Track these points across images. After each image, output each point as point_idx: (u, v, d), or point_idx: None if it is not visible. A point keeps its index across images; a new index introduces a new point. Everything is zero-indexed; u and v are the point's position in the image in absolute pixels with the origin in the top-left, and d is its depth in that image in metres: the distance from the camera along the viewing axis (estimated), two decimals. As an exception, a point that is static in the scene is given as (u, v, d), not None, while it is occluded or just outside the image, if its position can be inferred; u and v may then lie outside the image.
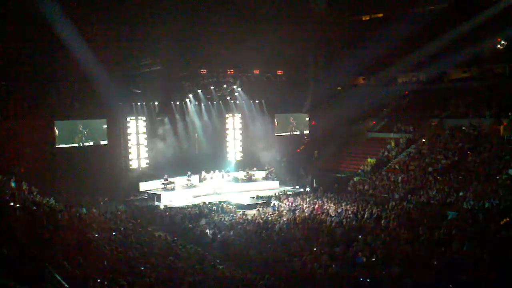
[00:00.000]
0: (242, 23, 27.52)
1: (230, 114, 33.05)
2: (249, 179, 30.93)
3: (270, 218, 23.03)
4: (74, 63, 23.63)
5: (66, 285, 7.69)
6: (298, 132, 36.66)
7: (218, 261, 16.27)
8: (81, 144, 26.75)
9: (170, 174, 28.58)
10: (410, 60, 33.67)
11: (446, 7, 34.35)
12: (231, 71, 30.54)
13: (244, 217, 23.79)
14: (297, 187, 31.44)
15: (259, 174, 31.93)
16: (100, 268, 9.74)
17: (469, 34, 30.79)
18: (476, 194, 24.37)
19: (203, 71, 29.54)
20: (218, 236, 19.92)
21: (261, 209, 26.21)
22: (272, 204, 27.00)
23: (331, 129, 34.54)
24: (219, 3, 26.75)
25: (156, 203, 26.55)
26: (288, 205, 26.31)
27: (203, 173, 29.96)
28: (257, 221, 22.52)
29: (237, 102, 32.88)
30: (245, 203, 27.32)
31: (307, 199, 27.69)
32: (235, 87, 32.06)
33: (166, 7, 25.00)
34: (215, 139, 32.39)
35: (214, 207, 25.80)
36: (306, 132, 36.91)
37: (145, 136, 29.24)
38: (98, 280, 8.82)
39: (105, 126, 27.63)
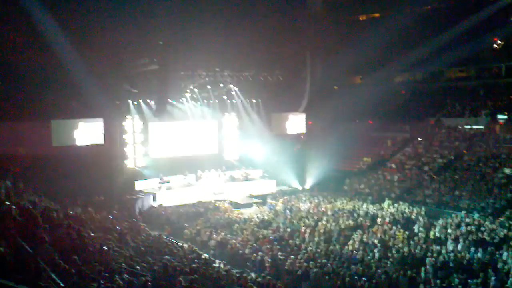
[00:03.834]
0: (238, 23, 27.46)
1: (227, 113, 33.02)
2: (246, 178, 30.92)
3: (266, 217, 23.08)
4: (71, 63, 23.55)
5: (62, 284, 7.69)
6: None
7: (214, 259, 16.31)
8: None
9: (166, 173, 28.54)
10: (407, 59, 33.70)
11: (443, 6, 34.44)
12: (228, 71, 30.53)
13: (240, 216, 23.85)
14: (293, 186, 31.48)
15: (256, 173, 31.93)
16: (96, 267, 9.73)
17: (466, 33, 30.85)
18: (472, 193, 24.48)
19: (200, 70, 29.54)
20: (214, 235, 19.95)
21: (258, 208, 26.29)
22: (268, 203, 27.06)
23: (327, 129, 34.55)
24: (216, 2, 26.70)
25: (152, 202, 26.58)
26: (284, 204, 26.36)
27: (199, 172, 29.94)
28: (253, 220, 22.58)
29: (234, 101, 32.86)
30: (242, 202, 27.35)
31: (303, 198, 27.77)
32: (231, 86, 32.06)
33: (162, 7, 24.94)
34: (212, 138, 32.36)
35: (210, 206, 25.83)
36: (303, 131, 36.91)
37: (141, 135, 29.19)
38: (94, 279, 8.83)
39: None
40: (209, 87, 31.08)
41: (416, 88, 38.05)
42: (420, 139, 32.94)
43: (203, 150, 31.36)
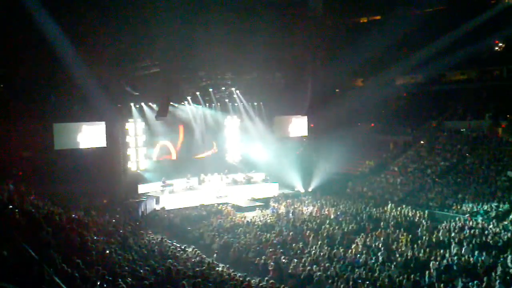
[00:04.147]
0: (240, 25, 27.46)
1: (229, 116, 33.00)
2: (248, 181, 30.86)
3: (269, 221, 23.02)
4: (72, 66, 23.55)
5: (65, 288, 7.68)
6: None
7: (217, 263, 16.25)
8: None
9: (169, 176, 28.52)
10: (408, 62, 33.70)
11: (444, 9, 34.44)
12: (230, 73, 30.53)
13: (243, 219, 23.79)
14: (296, 189, 31.42)
15: (258, 176, 31.87)
16: (99, 270, 9.70)
17: (467, 36, 30.84)
18: (475, 196, 24.41)
19: (202, 73, 29.54)
20: (217, 238, 19.90)
21: (260, 211, 26.24)
22: (271, 207, 27.00)
23: (330, 132, 34.55)
24: (217, 5, 26.69)
25: (155, 205, 26.53)
26: (287, 207, 26.30)
27: (202, 175, 29.91)
28: (256, 223, 22.51)
29: (236, 104, 32.84)
30: (244, 206, 27.29)
31: (306, 201, 27.70)
32: (233, 89, 32.05)
33: (164, 10, 24.96)
34: (214, 142, 32.36)
35: (213, 209, 25.77)
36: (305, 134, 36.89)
37: (144, 138, 29.16)
38: (98, 283, 8.80)
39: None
40: (211, 90, 31.06)
41: (418, 90, 38.03)
42: (423, 142, 32.89)
43: (205, 153, 31.33)
